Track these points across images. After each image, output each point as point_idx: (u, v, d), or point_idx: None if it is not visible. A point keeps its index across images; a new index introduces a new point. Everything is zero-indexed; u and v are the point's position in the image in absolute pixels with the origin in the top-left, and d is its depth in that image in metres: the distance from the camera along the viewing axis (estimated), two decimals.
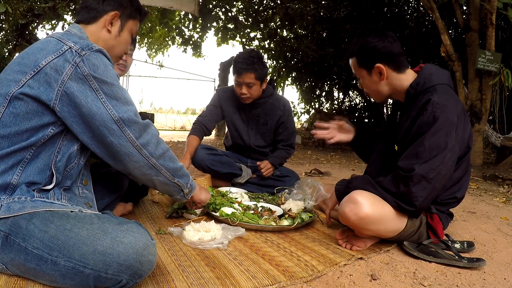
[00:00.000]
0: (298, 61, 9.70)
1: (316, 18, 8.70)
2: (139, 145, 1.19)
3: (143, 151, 1.20)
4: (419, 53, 7.52)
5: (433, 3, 4.53)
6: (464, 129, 1.52)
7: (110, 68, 1.16)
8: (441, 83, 1.58)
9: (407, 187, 1.42)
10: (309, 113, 11.07)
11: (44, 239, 0.99)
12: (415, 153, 1.45)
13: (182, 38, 10.04)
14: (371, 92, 1.73)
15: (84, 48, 1.12)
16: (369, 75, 1.65)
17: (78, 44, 1.12)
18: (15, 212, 1.02)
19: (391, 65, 1.60)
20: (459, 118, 1.49)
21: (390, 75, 1.62)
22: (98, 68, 1.12)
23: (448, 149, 1.43)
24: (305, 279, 1.27)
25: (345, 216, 1.50)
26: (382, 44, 1.57)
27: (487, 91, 4.36)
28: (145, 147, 1.21)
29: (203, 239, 1.55)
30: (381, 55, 1.58)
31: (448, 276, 1.39)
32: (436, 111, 1.45)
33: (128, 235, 1.01)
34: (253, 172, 2.69)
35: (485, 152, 6.92)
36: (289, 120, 2.72)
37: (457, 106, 1.50)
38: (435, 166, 1.42)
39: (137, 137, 1.18)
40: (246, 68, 2.39)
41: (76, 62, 1.09)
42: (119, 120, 1.14)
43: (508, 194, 3.42)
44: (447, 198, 1.62)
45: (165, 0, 7.10)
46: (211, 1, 8.22)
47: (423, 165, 1.42)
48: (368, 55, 1.60)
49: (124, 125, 1.15)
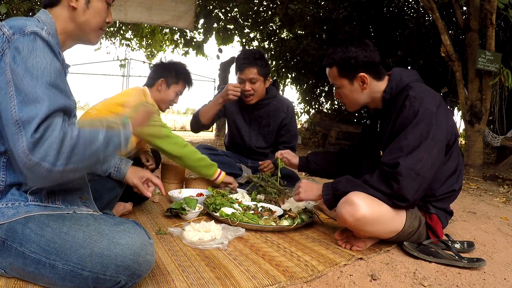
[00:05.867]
0: (298, 61, 9.70)
1: (315, 19, 8.71)
2: (35, 160, 0.91)
3: (42, 165, 0.92)
4: (419, 53, 7.51)
5: (433, 3, 4.52)
6: (446, 118, 1.53)
7: (36, 54, 0.98)
8: (413, 80, 1.62)
9: (398, 184, 1.42)
10: (309, 113, 11.07)
11: (41, 243, 0.99)
12: (398, 147, 1.47)
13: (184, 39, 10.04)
14: (348, 101, 1.74)
15: (16, 32, 0.99)
16: (350, 84, 1.66)
17: (13, 28, 1.00)
18: (9, 218, 1.01)
19: (372, 73, 1.63)
20: (439, 108, 1.51)
21: (371, 83, 1.64)
22: (20, 53, 0.97)
23: (430, 138, 1.44)
24: (305, 279, 1.27)
25: (342, 218, 1.50)
26: (365, 53, 1.59)
27: (487, 91, 4.35)
28: (44, 160, 0.92)
29: (203, 239, 1.55)
30: (364, 65, 1.60)
31: (448, 276, 1.39)
32: (415, 105, 1.49)
33: (125, 236, 1.00)
34: (253, 172, 2.69)
35: (485, 152, 6.92)
36: (292, 123, 2.71)
37: (434, 97, 1.54)
38: (420, 157, 1.43)
39: (30, 149, 0.91)
40: (248, 63, 2.41)
41: (3, 50, 0.98)
42: (18, 121, 0.92)
43: (508, 194, 3.42)
44: (446, 192, 1.62)
45: (162, 17, 7.14)
46: (211, 3, 8.21)
47: (408, 157, 1.43)
48: (351, 65, 1.61)
49: (22, 127, 0.92)
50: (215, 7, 8.49)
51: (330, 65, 1.68)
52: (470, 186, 3.75)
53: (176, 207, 1.84)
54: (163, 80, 2.22)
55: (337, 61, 1.64)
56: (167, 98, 2.25)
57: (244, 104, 2.63)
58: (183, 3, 6.92)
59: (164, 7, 6.88)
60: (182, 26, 7.70)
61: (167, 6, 6.86)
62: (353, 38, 1.64)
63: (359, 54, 1.59)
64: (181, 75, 2.27)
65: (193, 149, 2.14)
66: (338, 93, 1.74)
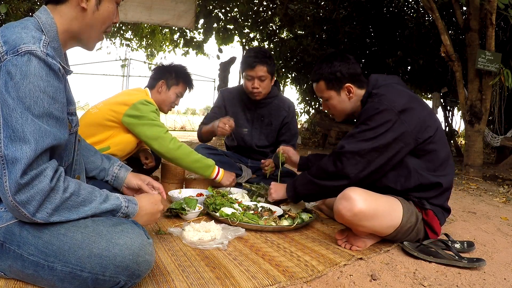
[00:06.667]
0: (297, 61, 9.71)
1: (315, 19, 8.71)
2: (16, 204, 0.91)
3: (21, 210, 0.92)
4: (419, 53, 7.51)
5: (433, 3, 4.52)
6: (419, 112, 1.60)
7: (30, 81, 0.92)
8: (386, 83, 1.74)
9: (342, 164, 1.58)
10: (309, 113, 11.08)
11: (39, 245, 0.98)
12: (350, 134, 1.64)
13: (184, 39, 10.04)
14: (336, 112, 1.88)
15: (9, 51, 0.93)
16: (338, 95, 1.81)
17: (6, 45, 0.94)
18: (7, 221, 1.01)
19: (356, 83, 1.79)
20: (409, 102, 1.60)
21: (355, 92, 1.79)
22: (12, 79, 0.91)
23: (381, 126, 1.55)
24: (305, 279, 1.27)
25: (339, 214, 1.51)
26: (348, 66, 1.77)
27: (487, 91, 4.35)
28: (24, 206, 0.92)
29: (203, 239, 1.55)
30: (348, 76, 1.77)
31: (448, 276, 1.39)
32: (374, 100, 1.63)
33: (124, 236, 1.00)
34: (253, 172, 2.69)
35: (485, 152, 6.93)
36: (293, 122, 2.74)
37: (400, 94, 1.64)
38: (367, 143, 1.56)
39: (13, 192, 0.89)
40: (260, 61, 2.44)
41: None
42: (2, 157, 0.90)
43: (508, 194, 3.42)
44: (431, 182, 1.60)
45: (162, 16, 7.14)
46: (211, 3, 8.21)
47: (353, 142, 1.58)
48: (337, 78, 1.77)
49: (6, 166, 0.90)
50: (215, 7, 8.49)
51: (318, 80, 1.83)
52: (470, 186, 3.75)
53: (176, 207, 1.84)
54: (163, 82, 2.26)
55: (324, 75, 1.79)
56: (167, 99, 2.29)
57: (247, 103, 2.64)
58: (183, 3, 6.93)
59: (164, 6, 6.90)
60: (182, 26, 7.71)
61: (167, 5, 6.87)
62: (336, 54, 1.82)
63: (343, 68, 1.76)
64: (181, 76, 2.29)
65: (187, 151, 2.12)
66: (326, 105, 1.89)
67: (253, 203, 2.10)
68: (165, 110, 2.33)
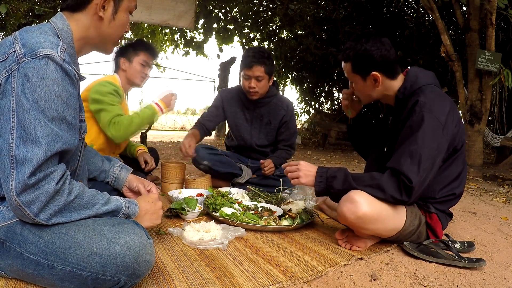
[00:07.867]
0: (298, 61, 9.70)
1: (315, 19, 8.70)
2: (19, 203, 0.92)
3: (24, 210, 0.93)
4: (419, 53, 7.51)
5: (433, 3, 4.52)
6: (455, 125, 1.56)
7: (46, 84, 0.93)
8: (427, 83, 1.61)
9: (409, 198, 1.46)
10: (309, 113, 11.07)
11: (39, 244, 0.98)
12: (408, 152, 1.46)
13: (185, 39, 10.04)
14: (362, 95, 1.77)
15: (27, 54, 0.94)
16: (363, 81, 1.66)
17: (25, 48, 0.95)
18: (9, 220, 1.01)
19: (386, 72, 1.62)
20: (448, 114, 1.53)
21: (384, 82, 1.64)
22: (29, 81, 0.92)
23: (435, 148, 1.48)
24: (305, 279, 1.27)
25: (343, 216, 1.50)
26: (380, 52, 1.57)
27: (487, 91, 4.34)
28: (28, 206, 0.93)
29: (203, 239, 1.55)
30: (378, 64, 1.59)
31: (448, 276, 1.39)
32: (424, 111, 1.49)
33: (124, 236, 1.00)
34: (253, 172, 2.69)
35: (485, 152, 6.92)
36: (292, 121, 2.75)
37: (444, 104, 1.55)
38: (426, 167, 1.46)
39: (18, 192, 0.91)
40: (257, 61, 2.45)
41: (11, 70, 0.94)
42: (12, 156, 0.91)
43: (508, 194, 3.42)
44: (446, 195, 1.63)
45: (162, 16, 7.14)
46: (211, 3, 8.21)
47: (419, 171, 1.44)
48: (365, 63, 1.60)
49: (15, 165, 0.91)
50: (215, 7, 8.49)
51: (345, 60, 1.67)
52: (470, 186, 3.75)
53: (176, 207, 1.84)
54: (124, 59, 2.30)
55: (352, 58, 1.63)
56: (134, 71, 2.30)
57: (245, 103, 2.65)
58: (183, 3, 6.93)
59: (164, 6, 6.89)
60: (182, 26, 7.70)
61: (167, 5, 6.87)
62: (369, 34, 1.61)
63: (374, 53, 1.57)
64: (138, 46, 2.32)
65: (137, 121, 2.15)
66: (352, 85, 1.77)
67: (253, 203, 2.10)
68: (138, 82, 2.35)
